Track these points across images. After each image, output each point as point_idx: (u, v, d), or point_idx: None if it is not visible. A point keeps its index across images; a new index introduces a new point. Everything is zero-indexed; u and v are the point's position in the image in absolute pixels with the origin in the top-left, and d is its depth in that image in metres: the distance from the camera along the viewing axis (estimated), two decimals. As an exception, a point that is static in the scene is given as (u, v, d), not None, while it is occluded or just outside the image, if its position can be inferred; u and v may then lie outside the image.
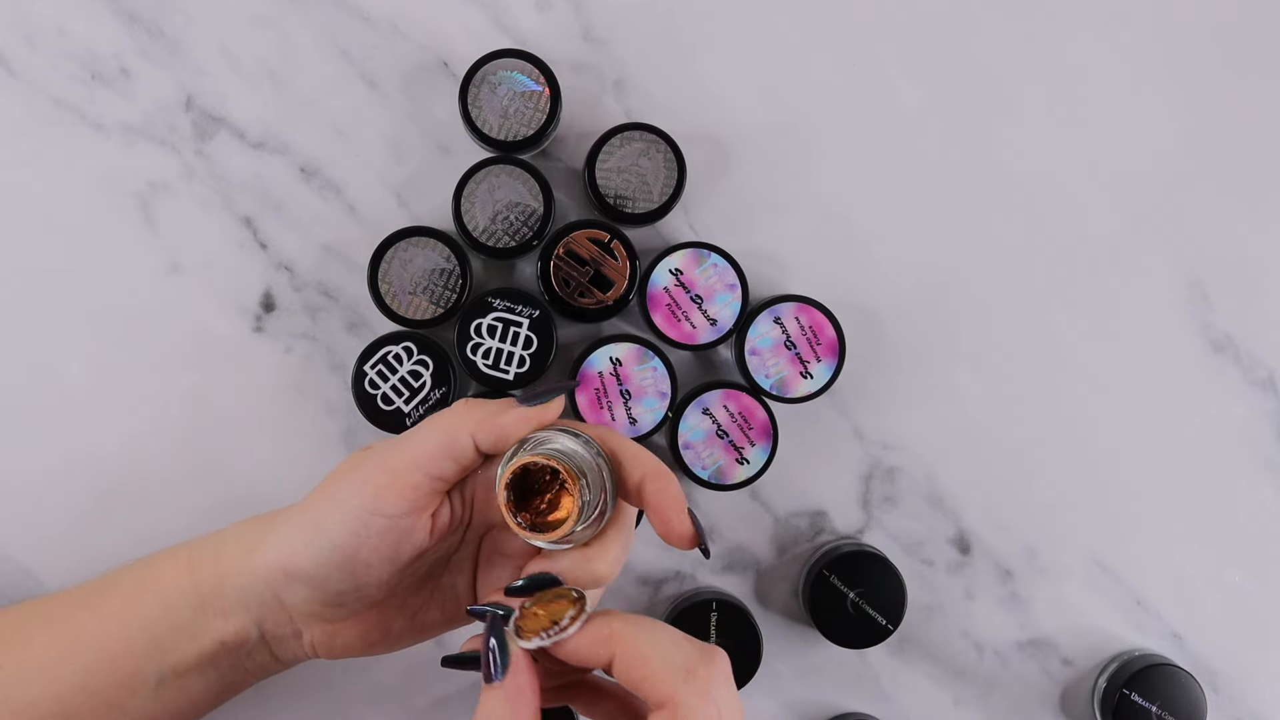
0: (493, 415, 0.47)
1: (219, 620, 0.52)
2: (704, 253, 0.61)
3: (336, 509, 0.48)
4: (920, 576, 0.64)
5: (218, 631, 0.52)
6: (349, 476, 0.49)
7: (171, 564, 0.53)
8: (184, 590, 0.52)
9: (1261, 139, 0.64)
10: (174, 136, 0.62)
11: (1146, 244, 0.64)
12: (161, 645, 0.52)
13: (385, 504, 0.48)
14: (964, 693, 0.65)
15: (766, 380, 0.61)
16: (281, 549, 0.50)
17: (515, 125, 0.60)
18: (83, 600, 0.54)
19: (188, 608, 0.52)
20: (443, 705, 0.64)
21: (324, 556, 0.48)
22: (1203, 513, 0.65)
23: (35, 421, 0.62)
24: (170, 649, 0.52)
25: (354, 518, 0.48)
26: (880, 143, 0.64)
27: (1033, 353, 0.64)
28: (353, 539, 0.48)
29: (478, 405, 0.48)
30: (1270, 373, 0.65)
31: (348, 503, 0.48)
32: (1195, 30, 0.64)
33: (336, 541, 0.48)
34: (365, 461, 0.49)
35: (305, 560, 0.49)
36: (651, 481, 0.46)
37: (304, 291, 0.63)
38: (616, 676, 0.43)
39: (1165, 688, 0.61)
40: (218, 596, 0.52)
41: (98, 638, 0.52)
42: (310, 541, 0.49)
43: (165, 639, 0.52)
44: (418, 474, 0.47)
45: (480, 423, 0.47)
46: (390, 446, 0.49)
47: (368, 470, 0.48)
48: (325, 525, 0.48)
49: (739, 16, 0.63)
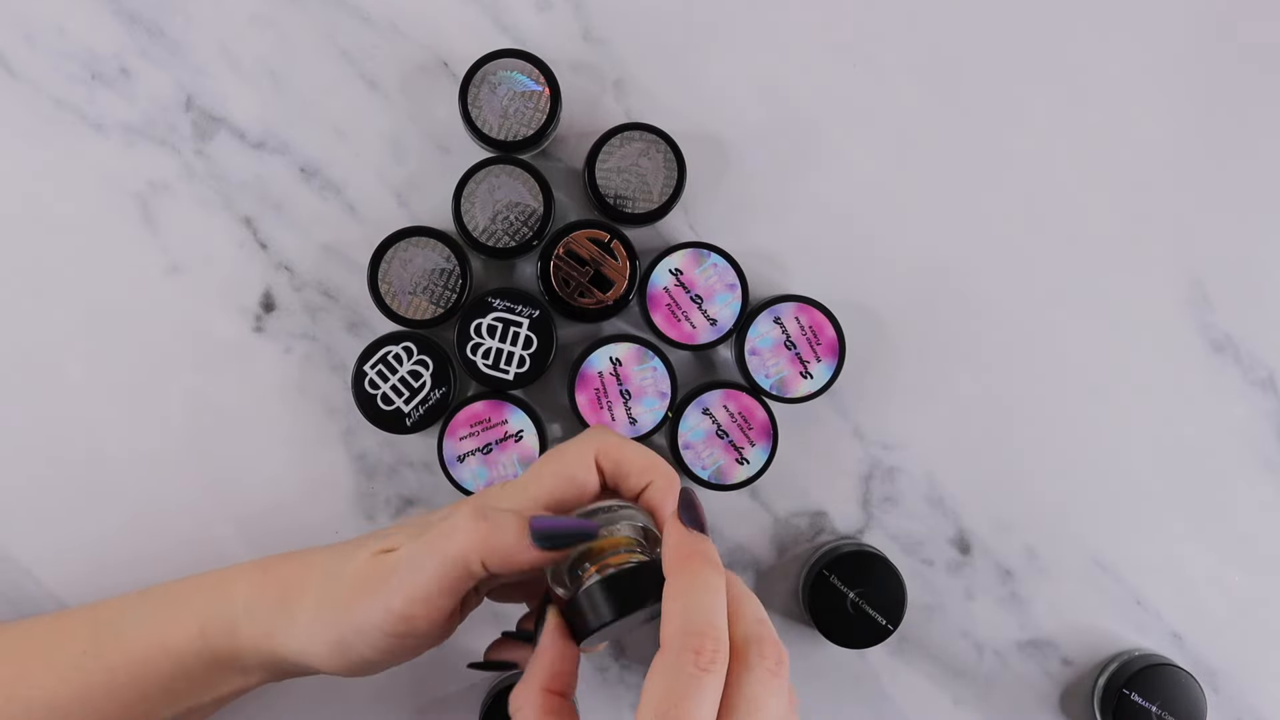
0: (506, 548, 0.46)
1: (239, 677, 0.53)
2: (704, 253, 0.61)
3: (360, 637, 0.48)
4: (920, 576, 0.64)
5: (237, 684, 0.53)
6: (371, 602, 0.48)
7: (181, 630, 0.53)
8: (200, 653, 0.52)
9: (1262, 139, 0.64)
10: (174, 136, 0.62)
11: (1146, 244, 0.64)
12: (177, 695, 0.53)
13: (416, 629, 0.48)
14: (964, 693, 0.65)
15: (766, 380, 0.61)
16: (306, 651, 0.50)
17: (515, 125, 0.60)
18: (85, 645, 0.54)
19: (204, 668, 0.52)
20: (443, 705, 0.64)
21: (353, 667, 0.50)
22: (1203, 513, 0.65)
23: (35, 421, 0.62)
24: (186, 697, 0.53)
25: (383, 643, 0.48)
26: (880, 143, 0.64)
27: (1033, 353, 0.64)
28: (383, 656, 0.49)
29: (491, 528, 0.46)
30: (1270, 373, 0.65)
31: (375, 630, 0.48)
32: (1195, 30, 0.64)
33: (368, 657, 0.49)
34: (385, 587, 0.48)
35: (333, 668, 0.50)
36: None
37: (304, 291, 0.63)
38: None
39: (1165, 688, 0.61)
40: (236, 660, 0.52)
41: (109, 688, 0.52)
42: (336, 656, 0.49)
43: (181, 690, 0.53)
44: (442, 599, 0.47)
45: (491, 552, 0.46)
46: (409, 574, 0.48)
47: (389, 599, 0.48)
48: (352, 645, 0.49)
49: (739, 16, 0.63)
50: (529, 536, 0.46)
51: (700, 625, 0.41)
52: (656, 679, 0.41)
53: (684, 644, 0.41)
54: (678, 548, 0.43)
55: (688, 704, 0.40)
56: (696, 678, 0.40)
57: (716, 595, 0.42)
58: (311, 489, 0.63)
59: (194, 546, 0.62)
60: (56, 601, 0.62)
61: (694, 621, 0.41)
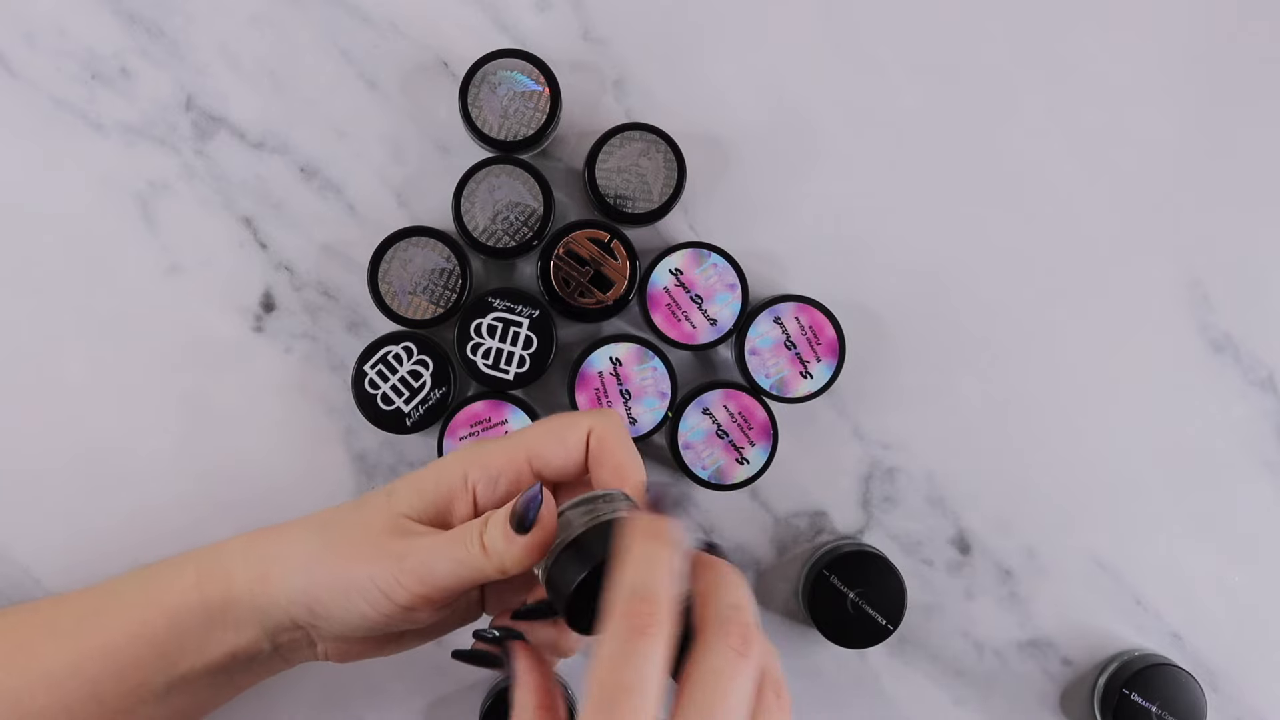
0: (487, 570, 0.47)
1: (230, 633, 0.52)
2: (704, 253, 0.61)
3: (366, 598, 0.48)
4: (920, 576, 0.64)
5: (229, 644, 0.52)
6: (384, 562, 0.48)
7: (177, 578, 0.53)
8: (192, 606, 0.52)
9: (1261, 139, 0.64)
10: (174, 136, 0.62)
11: (1146, 244, 0.64)
12: (170, 657, 0.52)
13: (419, 616, 0.49)
14: (964, 693, 0.65)
15: (766, 380, 0.61)
16: (304, 591, 0.50)
17: (515, 125, 0.60)
18: (85, 611, 0.54)
19: (196, 622, 0.52)
20: (443, 704, 0.64)
21: (347, 625, 0.50)
22: (1202, 513, 0.65)
23: (35, 421, 0.62)
24: (179, 660, 0.52)
25: (386, 610, 0.48)
26: (880, 143, 0.64)
27: (1033, 353, 0.64)
28: (384, 621, 0.49)
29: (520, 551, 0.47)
30: (1270, 373, 0.65)
31: (381, 594, 0.48)
32: (1195, 30, 0.64)
33: (367, 616, 0.49)
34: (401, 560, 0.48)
35: (327, 622, 0.50)
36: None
37: (304, 291, 0.63)
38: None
39: (1165, 688, 0.61)
40: (229, 612, 0.52)
41: (105, 651, 0.52)
42: (335, 605, 0.49)
43: (174, 652, 0.52)
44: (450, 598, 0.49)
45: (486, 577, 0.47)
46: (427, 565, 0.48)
47: (404, 576, 0.48)
48: (352, 598, 0.49)
49: (739, 16, 0.63)
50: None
51: (640, 591, 0.41)
52: (600, 647, 0.41)
53: (624, 610, 0.41)
54: (637, 529, 0.43)
55: (627, 669, 0.40)
56: (633, 641, 0.40)
57: (661, 565, 0.42)
58: (312, 489, 0.63)
59: (193, 545, 0.62)
60: (56, 601, 0.62)
61: (634, 588, 0.41)
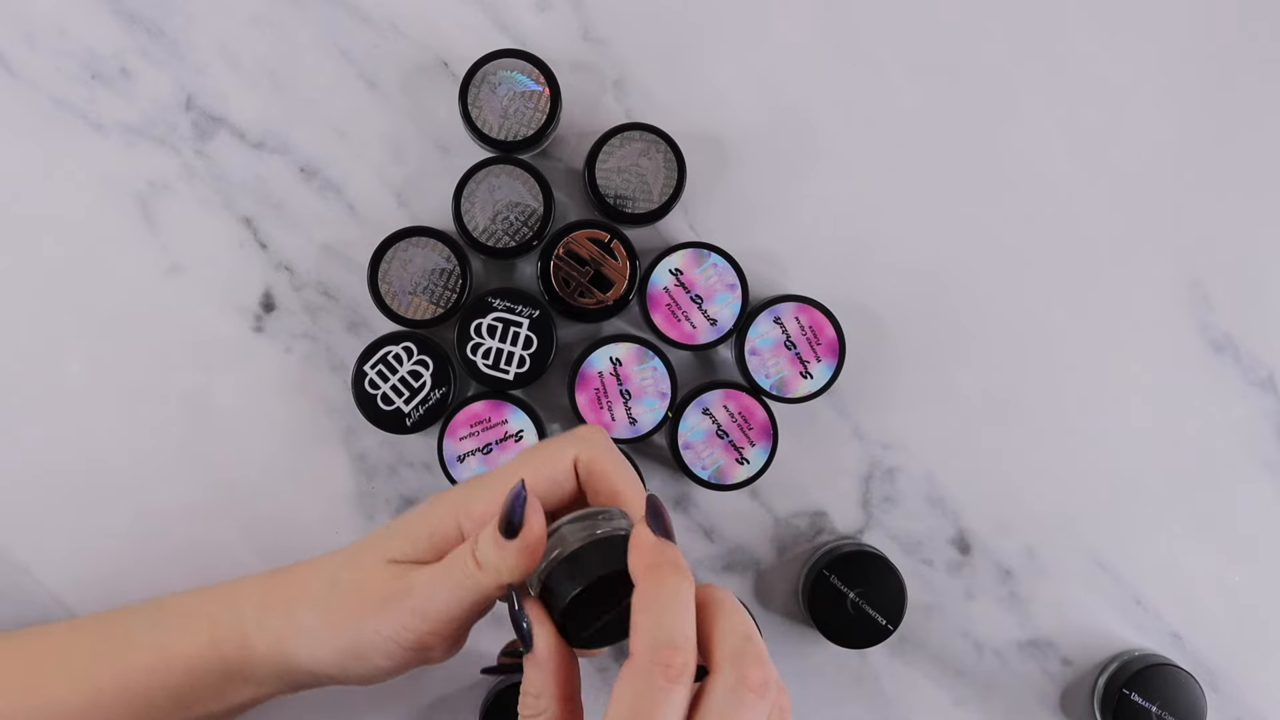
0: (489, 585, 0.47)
1: (250, 687, 0.53)
2: (704, 253, 0.61)
3: (375, 647, 0.49)
4: (920, 576, 0.64)
5: (249, 695, 0.53)
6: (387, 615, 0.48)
7: (190, 631, 0.53)
8: (209, 662, 0.52)
9: (1261, 139, 0.64)
10: (174, 136, 0.62)
11: (1146, 244, 0.64)
12: (186, 704, 0.53)
13: (434, 654, 0.49)
14: (964, 693, 0.65)
15: (766, 380, 0.61)
16: (319, 658, 0.50)
17: (515, 125, 0.60)
18: (100, 653, 0.54)
19: (214, 678, 0.52)
20: (443, 704, 0.64)
21: (366, 675, 0.50)
22: (1202, 513, 0.65)
23: (35, 421, 0.62)
24: (196, 706, 0.53)
25: (399, 655, 0.49)
26: (880, 142, 0.64)
27: (1032, 353, 0.64)
28: (397, 665, 0.49)
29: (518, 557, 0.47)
30: (1270, 373, 0.65)
31: (390, 642, 0.48)
32: (1195, 30, 0.64)
33: (382, 666, 0.49)
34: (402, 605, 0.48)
35: (347, 676, 0.51)
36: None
37: (304, 291, 0.63)
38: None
39: (1165, 688, 0.61)
40: (247, 670, 0.52)
41: (120, 694, 0.52)
42: (350, 664, 0.50)
43: (190, 699, 0.53)
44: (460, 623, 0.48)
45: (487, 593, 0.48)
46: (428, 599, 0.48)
47: (408, 619, 0.48)
48: (366, 654, 0.49)
49: (739, 16, 0.63)
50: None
51: (670, 638, 0.41)
52: (625, 688, 0.40)
53: (654, 657, 0.40)
54: (645, 554, 0.43)
55: (657, 715, 0.40)
56: (666, 690, 0.40)
57: (685, 606, 0.42)
58: (311, 489, 0.63)
59: (194, 545, 0.62)
60: (56, 601, 0.62)
61: (663, 633, 0.41)
